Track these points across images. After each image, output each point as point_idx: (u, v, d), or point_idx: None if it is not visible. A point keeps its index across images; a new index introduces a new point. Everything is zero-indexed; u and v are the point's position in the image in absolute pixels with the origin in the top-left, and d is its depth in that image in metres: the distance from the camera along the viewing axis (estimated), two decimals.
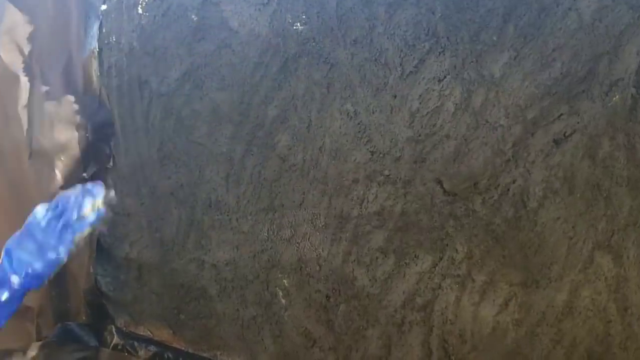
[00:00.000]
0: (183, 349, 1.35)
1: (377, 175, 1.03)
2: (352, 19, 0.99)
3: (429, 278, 1.02)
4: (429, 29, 0.93)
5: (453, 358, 1.03)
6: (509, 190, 0.93)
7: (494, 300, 0.98)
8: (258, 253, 1.18)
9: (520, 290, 0.96)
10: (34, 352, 1.45)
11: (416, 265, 1.03)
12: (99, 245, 1.37)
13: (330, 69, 1.02)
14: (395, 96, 0.98)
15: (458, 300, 1.00)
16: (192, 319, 1.31)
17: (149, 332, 1.39)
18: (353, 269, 1.08)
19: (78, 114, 1.32)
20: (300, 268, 1.14)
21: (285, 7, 1.03)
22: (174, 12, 1.15)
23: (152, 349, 1.38)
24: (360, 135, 1.02)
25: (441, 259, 1.00)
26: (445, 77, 0.94)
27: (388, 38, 0.96)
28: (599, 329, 0.92)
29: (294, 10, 1.03)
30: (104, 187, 1.20)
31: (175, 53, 1.16)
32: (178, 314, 1.33)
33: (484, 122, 0.93)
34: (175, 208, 1.25)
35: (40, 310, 1.47)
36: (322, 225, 1.09)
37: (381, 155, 1.01)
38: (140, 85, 1.22)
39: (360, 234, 1.06)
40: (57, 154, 1.35)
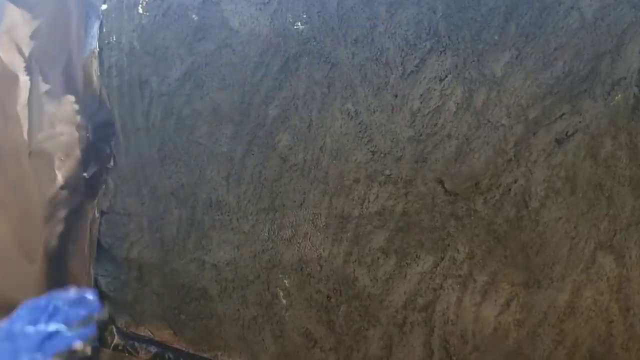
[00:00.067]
0: (184, 349, 1.35)
1: (378, 175, 1.02)
2: (353, 19, 0.98)
3: (430, 278, 1.02)
4: (430, 28, 0.93)
5: (454, 358, 1.03)
6: (510, 190, 0.93)
7: (496, 300, 0.97)
8: (259, 253, 1.18)
9: (522, 291, 0.95)
10: None
11: (417, 265, 1.02)
12: (99, 245, 1.37)
13: (331, 68, 1.02)
14: (396, 96, 0.98)
15: (459, 300, 1.00)
16: (193, 320, 1.31)
17: (149, 333, 1.38)
18: (354, 269, 1.08)
19: (78, 114, 1.32)
20: (301, 268, 1.13)
21: (286, 7, 1.03)
22: (174, 12, 1.15)
23: (153, 350, 1.38)
24: (361, 135, 1.02)
25: (442, 259, 1.00)
26: (446, 77, 0.94)
27: (389, 37, 0.96)
28: (601, 329, 0.91)
29: (294, 9, 1.03)
30: (98, 301, 1.19)
31: (176, 53, 1.16)
32: (179, 314, 1.32)
33: (486, 122, 0.93)
34: (175, 208, 1.25)
35: None
36: (323, 225, 1.09)
37: (382, 155, 1.01)
38: (140, 85, 1.22)
39: (361, 234, 1.06)
40: (57, 154, 1.35)
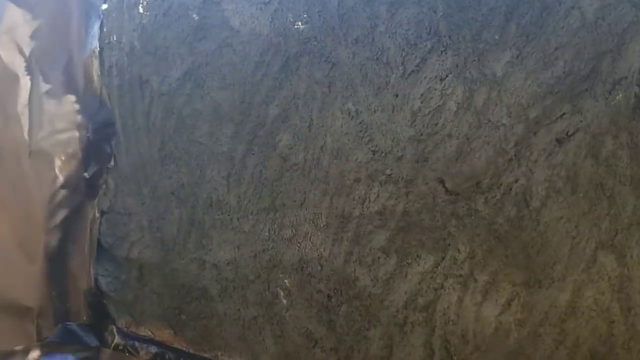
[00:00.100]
0: (184, 349, 1.34)
1: (379, 174, 1.02)
2: (354, 18, 0.98)
3: (431, 278, 1.02)
4: (430, 28, 0.93)
5: (455, 358, 1.02)
6: (511, 189, 0.93)
7: (497, 300, 0.97)
8: (259, 253, 1.17)
9: (522, 290, 0.95)
10: (35, 353, 1.45)
11: (418, 265, 1.02)
12: (100, 245, 1.37)
13: (331, 68, 1.02)
14: (397, 95, 0.98)
15: (460, 300, 1.00)
16: (193, 319, 1.31)
17: (149, 333, 1.38)
18: (355, 269, 1.08)
19: (79, 114, 1.32)
20: (302, 268, 1.13)
21: (287, 6, 1.03)
22: (175, 12, 1.15)
23: (153, 350, 1.38)
24: (361, 135, 1.02)
25: (443, 258, 1.00)
26: (447, 76, 0.94)
27: (390, 37, 0.96)
28: (602, 329, 0.91)
29: (295, 9, 1.03)
30: None
31: (177, 52, 1.16)
32: (179, 314, 1.32)
33: (486, 121, 0.92)
34: (176, 208, 1.25)
35: (40, 311, 1.47)
36: (324, 225, 1.09)
37: (383, 154, 1.01)
38: (141, 84, 1.22)
39: (361, 233, 1.06)
40: (58, 154, 1.35)
